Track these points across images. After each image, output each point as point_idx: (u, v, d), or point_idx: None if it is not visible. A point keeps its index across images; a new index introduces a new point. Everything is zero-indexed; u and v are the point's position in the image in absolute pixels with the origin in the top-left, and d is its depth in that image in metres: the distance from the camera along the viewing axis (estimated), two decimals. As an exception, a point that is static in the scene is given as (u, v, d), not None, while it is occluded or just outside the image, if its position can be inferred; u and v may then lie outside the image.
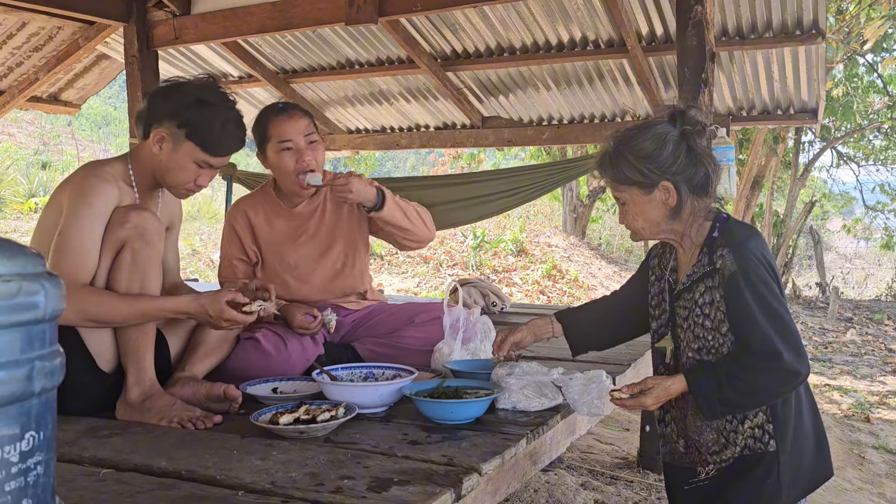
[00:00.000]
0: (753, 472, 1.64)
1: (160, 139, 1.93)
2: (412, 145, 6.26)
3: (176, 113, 1.91)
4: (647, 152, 1.65)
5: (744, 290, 1.58)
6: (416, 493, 1.33)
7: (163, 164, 1.96)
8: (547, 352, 2.86)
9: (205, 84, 1.97)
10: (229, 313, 1.88)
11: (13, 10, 4.50)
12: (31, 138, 17.13)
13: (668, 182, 1.65)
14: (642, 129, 1.69)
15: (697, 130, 1.68)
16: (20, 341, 0.74)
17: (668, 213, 1.69)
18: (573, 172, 4.84)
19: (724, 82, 4.75)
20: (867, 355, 7.66)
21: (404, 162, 25.18)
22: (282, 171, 2.46)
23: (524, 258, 11.39)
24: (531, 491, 3.16)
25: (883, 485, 3.91)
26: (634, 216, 1.73)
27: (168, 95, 1.95)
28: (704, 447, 1.71)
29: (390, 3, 4.08)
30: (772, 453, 1.63)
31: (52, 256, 1.81)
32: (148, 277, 1.89)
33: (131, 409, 1.87)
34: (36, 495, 0.76)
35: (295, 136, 2.42)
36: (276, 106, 2.51)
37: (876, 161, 13.11)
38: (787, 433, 1.64)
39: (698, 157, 1.66)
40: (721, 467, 1.69)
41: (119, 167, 1.99)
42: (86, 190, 1.88)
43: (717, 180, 1.70)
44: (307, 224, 2.59)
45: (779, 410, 1.64)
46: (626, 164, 1.67)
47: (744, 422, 1.65)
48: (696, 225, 1.71)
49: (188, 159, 1.94)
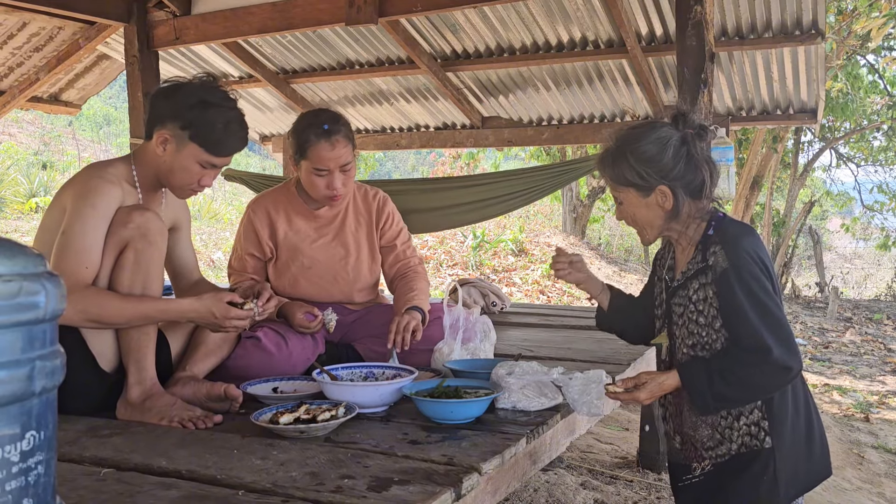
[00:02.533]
0: (750, 469, 1.65)
1: (163, 141, 1.93)
2: (412, 145, 6.27)
3: (179, 114, 1.91)
4: (647, 156, 1.66)
5: (735, 286, 1.60)
6: (416, 492, 1.34)
7: (166, 165, 1.96)
8: (547, 352, 2.87)
9: (206, 84, 1.98)
10: (235, 312, 1.90)
11: (14, 10, 4.50)
12: (31, 138, 17.13)
13: (666, 186, 1.67)
14: (645, 132, 1.70)
15: (698, 134, 1.69)
16: (21, 341, 0.74)
17: (664, 215, 1.71)
18: (575, 173, 4.84)
19: (723, 82, 4.75)
20: (867, 355, 7.66)
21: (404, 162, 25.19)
22: (311, 188, 2.46)
23: (524, 258, 11.39)
24: (531, 490, 3.17)
25: (882, 484, 3.91)
26: (631, 217, 1.75)
27: (170, 96, 1.95)
28: (700, 443, 1.73)
29: (390, 4, 4.09)
30: (768, 450, 1.64)
31: (55, 257, 1.82)
32: (150, 277, 1.89)
33: (132, 409, 1.88)
34: (37, 495, 0.76)
35: (332, 166, 2.40)
36: (320, 124, 2.37)
37: (874, 162, 13.12)
38: (783, 430, 1.65)
39: (697, 163, 1.68)
40: (717, 462, 1.70)
41: (122, 168, 1.99)
42: (89, 191, 1.88)
43: (715, 184, 1.72)
44: (327, 228, 2.59)
45: (774, 407, 1.64)
46: (626, 165, 1.68)
47: (739, 418, 1.66)
48: (694, 225, 1.73)
49: (192, 160, 1.94)
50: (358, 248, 2.61)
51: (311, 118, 2.44)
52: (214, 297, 1.91)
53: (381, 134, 6.29)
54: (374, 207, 2.65)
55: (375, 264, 2.66)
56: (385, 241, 2.66)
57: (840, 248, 18.95)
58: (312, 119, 2.42)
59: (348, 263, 2.59)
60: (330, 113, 2.45)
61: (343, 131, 2.41)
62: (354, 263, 2.60)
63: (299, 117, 2.50)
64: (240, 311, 1.92)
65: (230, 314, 1.90)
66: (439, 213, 4.96)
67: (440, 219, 5.06)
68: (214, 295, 1.93)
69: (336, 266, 2.57)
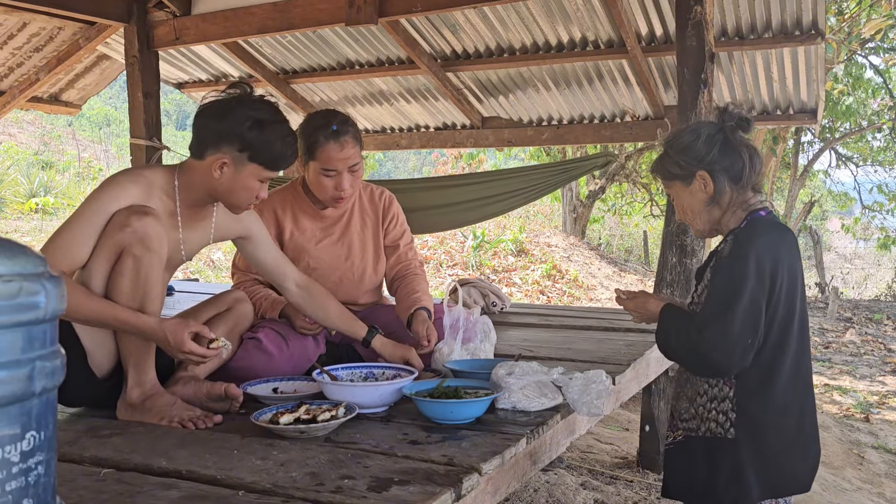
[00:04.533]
0: (714, 455, 1.73)
1: (221, 165, 1.89)
2: (412, 146, 6.27)
3: (235, 136, 1.87)
4: (683, 146, 1.79)
5: (719, 272, 1.71)
6: (416, 492, 1.34)
7: (224, 187, 1.92)
8: (547, 352, 2.87)
9: (253, 101, 1.93)
10: (189, 346, 1.79)
11: (14, 10, 4.51)
12: (31, 138, 17.13)
13: (704, 171, 1.76)
14: (683, 128, 1.86)
15: (738, 125, 1.78)
16: (21, 341, 0.74)
17: (707, 200, 1.79)
18: (575, 173, 4.85)
19: (723, 83, 4.75)
20: (867, 355, 7.66)
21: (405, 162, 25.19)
22: (318, 189, 2.46)
23: (524, 258, 11.40)
24: (531, 491, 3.17)
25: (882, 484, 3.91)
26: (683, 210, 1.86)
27: (222, 118, 1.88)
28: (677, 413, 1.85)
29: (390, 4, 4.09)
30: (730, 440, 1.71)
31: (45, 243, 1.81)
32: (151, 285, 1.85)
33: (132, 409, 1.87)
34: (37, 495, 0.76)
35: (341, 167, 2.40)
36: (329, 126, 2.37)
37: (874, 162, 13.12)
38: (755, 428, 1.69)
39: (734, 147, 1.76)
40: (688, 435, 1.79)
41: (163, 177, 1.95)
42: (104, 186, 1.87)
43: (757, 170, 1.79)
44: (333, 228, 2.59)
45: (743, 402, 1.70)
46: (668, 160, 1.82)
47: (713, 401, 1.75)
48: (733, 215, 1.80)
49: (253, 179, 1.92)
50: (363, 248, 2.61)
51: (320, 119, 2.43)
52: (179, 324, 1.82)
53: (381, 134, 6.29)
54: (380, 207, 2.65)
55: (380, 265, 2.66)
56: (389, 240, 2.66)
57: (840, 248, 18.95)
58: (321, 120, 2.42)
59: (353, 264, 2.59)
60: (339, 114, 2.45)
61: (352, 132, 2.41)
62: (359, 264, 2.60)
63: (307, 118, 2.49)
64: (196, 348, 1.80)
65: (185, 347, 1.78)
66: (439, 211, 4.96)
67: (440, 218, 5.06)
68: (181, 322, 1.84)
69: (341, 267, 2.57)
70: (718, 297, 1.68)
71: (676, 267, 3.39)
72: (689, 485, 1.79)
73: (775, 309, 1.67)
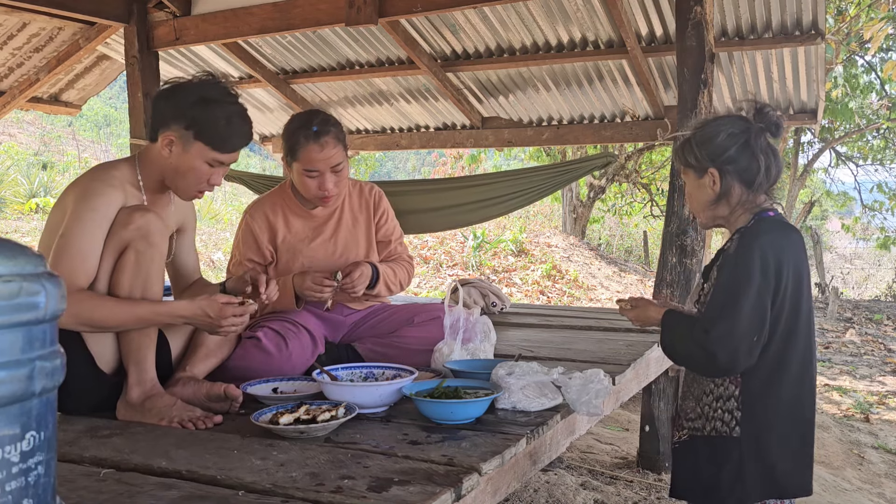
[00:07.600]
0: (719, 455, 1.73)
1: (169, 143, 1.92)
2: (412, 146, 6.27)
3: (181, 114, 1.90)
4: (704, 139, 1.79)
5: (724, 270, 1.71)
6: (416, 492, 1.34)
7: (173, 167, 1.95)
8: (547, 352, 2.87)
9: (205, 82, 1.97)
10: (231, 310, 1.87)
11: (14, 10, 4.51)
12: (31, 139, 17.12)
13: (715, 170, 1.77)
14: (712, 119, 1.85)
15: (768, 129, 1.77)
16: (21, 341, 0.74)
17: (713, 197, 1.80)
18: (575, 173, 4.84)
19: (723, 83, 4.75)
20: (867, 355, 7.66)
21: (405, 162, 25.20)
22: (303, 189, 2.47)
23: (524, 258, 11.39)
24: (531, 491, 3.16)
25: (882, 484, 3.91)
26: (689, 197, 1.88)
27: (171, 97, 1.93)
28: (683, 413, 1.85)
29: (390, 4, 4.09)
30: (735, 439, 1.70)
31: (52, 259, 1.81)
32: (151, 279, 1.88)
33: (132, 409, 1.88)
34: (37, 495, 0.76)
35: (322, 167, 2.40)
36: (310, 127, 2.38)
37: (874, 161, 13.12)
38: (756, 427, 1.69)
39: (753, 151, 1.75)
40: (694, 435, 1.79)
41: (126, 170, 1.98)
42: (90, 193, 1.88)
43: (772, 178, 1.79)
44: (324, 227, 2.59)
45: (749, 401, 1.70)
46: (688, 148, 1.82)
47: (718, 400, 1.74)
48: (740, 215, 1.80)
49: (199, 159, 1.93)
50: (356, 244, 2.61)
51: (300, 120, 2.44)
52: (209, 299, 1.88)
53: (381, 134, 6.29)
54: (371, 202, 2.66)
55: (373, 259, 2.66)
56: (381, 236, 2.67)
57: (840, 248, 18.95)
58: (302, 121, 2.42)
59: (347, 261, 2.59)
60: (319, 114, 2.44)
61: (333, 132, 2.40)
62: (352, 260, 2.60)
63: (290, 119, 2.50)
64: (236, 308, 1.88)
65: (226, 312, 1.86)
66: (439, 213, 4.96)
67: (440, 219, 5.06)
68: (209, 297, 1.90)
69: (335, 264, 2.58)
70: (724, 295, 1.68)
71: (676, 267, 3.39)
72: (695, 484, 1.79)
73: (780, 307, 1.67)
